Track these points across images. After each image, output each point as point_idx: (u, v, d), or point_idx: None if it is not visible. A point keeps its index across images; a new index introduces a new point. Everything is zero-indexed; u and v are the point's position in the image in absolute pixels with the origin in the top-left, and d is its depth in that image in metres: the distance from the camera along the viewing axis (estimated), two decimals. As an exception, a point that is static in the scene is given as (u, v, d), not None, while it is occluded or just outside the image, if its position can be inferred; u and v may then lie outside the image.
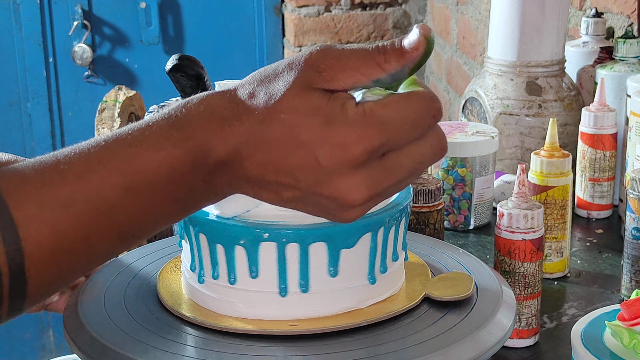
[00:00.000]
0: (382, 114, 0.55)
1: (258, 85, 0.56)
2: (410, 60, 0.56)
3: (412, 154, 0.57)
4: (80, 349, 0.71)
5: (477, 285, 0.77)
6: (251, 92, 0.56)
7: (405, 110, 0.55)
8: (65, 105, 2.67)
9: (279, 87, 0.55)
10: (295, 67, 0.56)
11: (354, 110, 0.55)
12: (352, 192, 0.56)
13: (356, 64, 0.56)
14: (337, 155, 0.54)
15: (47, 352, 2.74)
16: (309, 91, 0.55)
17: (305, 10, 2.59)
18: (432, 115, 0.56)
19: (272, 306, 0.71)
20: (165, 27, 2.65)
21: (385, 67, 0.56)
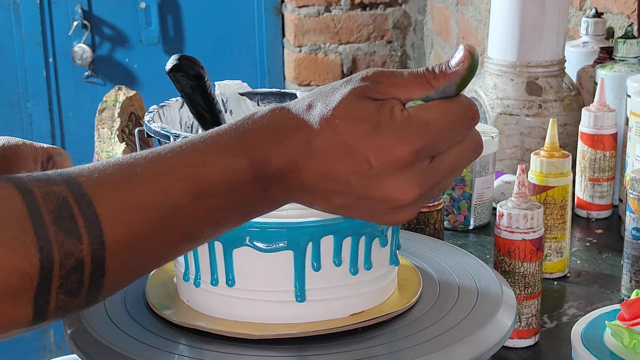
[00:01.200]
0: (425, 117, 0.59)
1: (316, 98, 0.61)
2: (457, 75, 0.60)
3: (454, 155, 0.61)
4: (80, 349, 0.71)
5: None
6: (309, 104, 0.60)
7: (446, 113, 0.60)
8: (65, 105, 2.67)
9: (335, 97, 0.60)
10: (352, 81, 0.61)
11: (400, 115, 0.59)
12: (402, 192, 0.59)
13: (408, 81, 0.60)
14: (386, 157, 0.58)
15: (48, 352, 2.74)
16: (361, 99, 0.59)
17: (305, 10, 2.59)
18: (470, 117, 0.61)
19: (270, 310, 0.71)
20: (165, 27, 2.65)
21: (434, 83, 0.60)
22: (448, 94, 0.61)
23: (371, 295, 0.74)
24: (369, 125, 0.58)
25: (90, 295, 0.56)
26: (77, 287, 0.54)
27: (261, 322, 0.72)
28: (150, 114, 0.91)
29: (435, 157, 0.60)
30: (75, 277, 0.54)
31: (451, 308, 0.75)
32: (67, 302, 0.54)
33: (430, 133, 0.59)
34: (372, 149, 0.58)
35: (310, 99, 0.61)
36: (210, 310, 0.73)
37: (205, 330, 0.71)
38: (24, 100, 2.63)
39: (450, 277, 0.81)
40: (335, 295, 0.72)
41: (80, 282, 0.54)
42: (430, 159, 0.60)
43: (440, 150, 0.60)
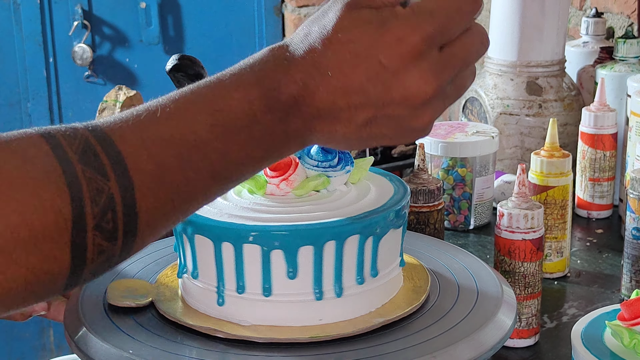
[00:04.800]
0: (429, 5, 0.59)
1: (310, 25, 0.60)
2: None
3: (463, 44, 0.60)
4: (80, 349, 0.71)
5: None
6: (306, 33, 0.60)
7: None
8: (65, 105, 2.67)
9: (330, 17, 0.59)
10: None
11: (402, 9, 0.59)
12: (420, 85, 0.58)
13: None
14: (397, 50, 0.57)
15: (47, 352, 2.74)
16: (357, 9, 0.58)
17: (306, 10, 2.59)
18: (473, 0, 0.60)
19: (272, 312, 0.71)
20: (165, 27, 2.65)
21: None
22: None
23: (378, 295, 0.74)
24: (373, 27, 0.58)
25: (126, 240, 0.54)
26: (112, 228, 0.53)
27: (266, 324, 0.72)
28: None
29: (444, 46, 0.59)
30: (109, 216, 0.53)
31: (451, 308, 0.75)
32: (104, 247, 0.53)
33: (437, 19, 0.58)
34: (381, 48, 0.57)
35: (305, 29, 0.60)
36: (214, 312, 0.73)
37: (208, 334, 0.71)
38: (24, 100, 2.63)
39: (450, 277, 0.81)
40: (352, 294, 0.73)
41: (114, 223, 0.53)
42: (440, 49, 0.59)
43: (450, 38, 0.59)
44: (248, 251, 0.70)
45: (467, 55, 0.60)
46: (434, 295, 0.77)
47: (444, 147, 1.22)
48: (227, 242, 0.70)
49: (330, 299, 0.71)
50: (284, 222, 0.70)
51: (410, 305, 0.74)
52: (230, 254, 0.70)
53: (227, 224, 0.70)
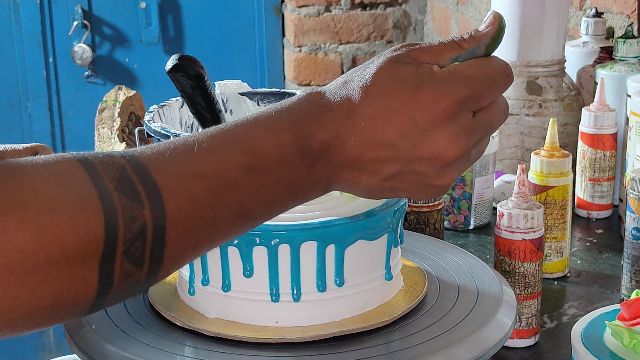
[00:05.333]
0: (466, 71, 0.61)
1: (351, 75, 0.62)
2: (487, 35, 0.63)
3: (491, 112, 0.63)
4: (80, 349, 0.71)
5: None
6: (345, 80, 0.61)
7: (484, 68, 0.62)
8: (65, 105, 2.67)
9: (371, 68, 0.61)
10: (384, 54, 0.62)
11: (440, 71, 0.61)
12: (450, 145, 0.60)
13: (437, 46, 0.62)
14: (431, 110, 0.59)
15: (47, 352, 2.74)
16: (397, 64, 0.60)
17: (305, 10, 2.59)
18: (506, 74, 0.63)
19: (268, 312, 0.71)
20: (165, 27, 2.65)
21: (464, 45, 0.63)
22: (477, 55, 0.63)
23: (375, 296, 0.74)
24: (410, 84, 0.59)
25: (151, 267, 0.55)
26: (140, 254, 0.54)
27: (259, 324, 0.72)
28: (151, 114, 0.91)
29: (477, 111, 0.61)
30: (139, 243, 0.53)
31: (451, 308, 0.75)
32: (130, 272, 0.54)
33: (471, 85, 0.60)
34: (416, 106, 0.59)
35: (346, 77, 0.62)
36: (212, 311, 0.73)
37: (205, 334, 0.71)
38: (24, 100, 2.63)
39: (450, 277, 0.81)
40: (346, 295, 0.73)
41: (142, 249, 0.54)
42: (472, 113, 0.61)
43: (482, 105, 0.61)
44: None
45: (492, 122, 0.63)
46: (433, 296, 0.77)
47: (444, 147, 1.22)
48: None
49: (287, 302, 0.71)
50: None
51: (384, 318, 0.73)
52: None
53: None
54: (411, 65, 0.60)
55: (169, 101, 0.96)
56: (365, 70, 0.61)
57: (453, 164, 0.61)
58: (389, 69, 0.60)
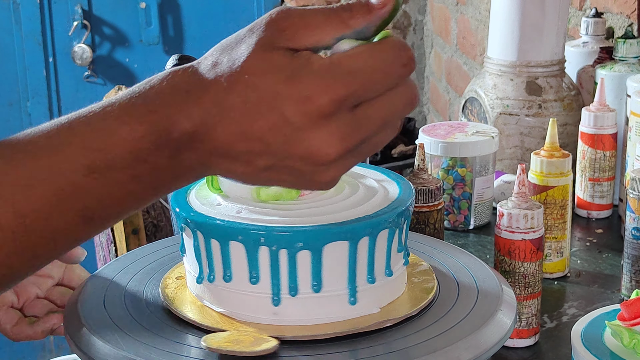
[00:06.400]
0: (349, 64, 0.54)
1: (221, 54, 0.55)
2: (378, 17, 0.54)
3: (383, 105, 0.55)
4: (80, 349, 0.71)
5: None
6: (214, 62, 0.55)
7: (374, 59, 0.54)
8: (65, 105, 2.67)
9: (242, 51, 0.54)
10: (257, 29, 0.55)
11: (319, 62, 0.54)
12: (324, 146, 0.54)
13: (319, 20, 0.54)
14: (303, 108, 0.53)
15: (47, 352, 2.74)
16: (271, 50, 0.54)
17: (305, 10, 2.59)
18: (402, 64, 0.55)
19: (274, 310, 0.71)
20: (165, 27, 2.65)
21: (351, 23, 0.54)
22: (364, 35, 0.55)
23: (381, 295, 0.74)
24: (282, 75, 0.53)
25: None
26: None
27: (260, 322, 0.72)
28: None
29: (360, 106, 0.54)
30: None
31: (451, 308, 0.75)
32: None
33: (354, 82, 0.53)
34: (287, 101, 0.53)
35: (215, 56, 0.55)
36: (220, 309, 0.73)
37: (212, 330, 0.71)
38: (24, 99, 2.64)
39: (450, 276, 0.81)
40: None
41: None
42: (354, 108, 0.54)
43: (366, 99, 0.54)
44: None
45: (386, 116, 0.55)
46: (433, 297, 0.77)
47: (444, 147, 1.22)
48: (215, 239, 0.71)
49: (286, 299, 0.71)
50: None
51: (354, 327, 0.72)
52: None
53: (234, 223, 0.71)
54: (286, 52, 0.53)
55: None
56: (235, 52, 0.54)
57: (332, 162, 0.54)
58: (261, 56, 0.53)
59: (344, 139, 0.54)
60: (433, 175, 1.21)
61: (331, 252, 0.70)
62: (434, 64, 2.61)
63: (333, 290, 0.72)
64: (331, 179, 0.56)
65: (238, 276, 0.71)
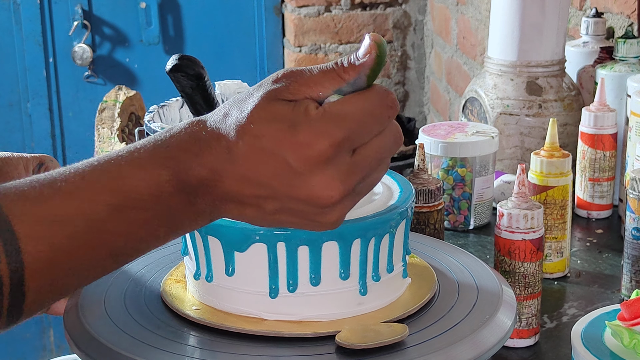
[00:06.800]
0: (341, 110, 0.59)
1: (231, 107, 0.60)
2: (365, 66, 0.59)
3: (376, 146, 0.60)
4: (81, 349, 0.71)
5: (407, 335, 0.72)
6: (225, 113, 0.60)
7: (362, 103, 0.59)
8: (65, 105, 2.67)
9: (249, 103, 0.59)
10: (264, 85, 0.60)
11: (315, 111, 0.58)
12: (326, 189, 0.58)
13: (318, 77, 0.60)
14: (304, 154, 0.57)
15: (48, 352, 2.74)
16: (273, 101, 0.59)
17: (306, 10, 2.59)
18: (388, 105, 0.60)
19: (260, 306, 0.71)
20: (166, 27, 2.65)
21: (345, 76, 0.59)
22: (360, 86, 0.60)
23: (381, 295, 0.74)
24: (285, 125, 0.58)
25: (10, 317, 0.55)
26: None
27: (248, 315, 0.72)
28: (151, 114, 0.91)
29: (356, 150, 0.59)
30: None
31: (451, 308, 0.75)
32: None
33: (347, 125, 0.58)
34: (289, 149, 0.57)
35: (226, 109, 0.60)
36: (219, 307, 0.73)
37: (212, 327, 0.71)
38: (24, 100, 2.64)
39: (450, 277, 0.81)
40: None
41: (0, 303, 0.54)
42: (351, 152, 0.59)
43: (362, 143, 0.59)
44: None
45: (379, 156, 0.60)
46: (433, 296, 0.77)
47: (444, 147, 1.22)
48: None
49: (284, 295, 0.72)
50: None
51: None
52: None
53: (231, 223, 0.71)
54: (288, 103, 0.59)
55: (169, 101, 0.96)
56: (243, 105, 0.59)
57: (335, 204, 0.59)
58: (265, 107, 0.58)
59: (344, 181, 0.59)
60: (433, 175, 1.21)
61: (328, 250, 0.71)
62: (434, 64, 2.61)
63: (331, 287, 0.72)
64: (336, 219, 0.61)
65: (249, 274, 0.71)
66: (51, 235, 0.55)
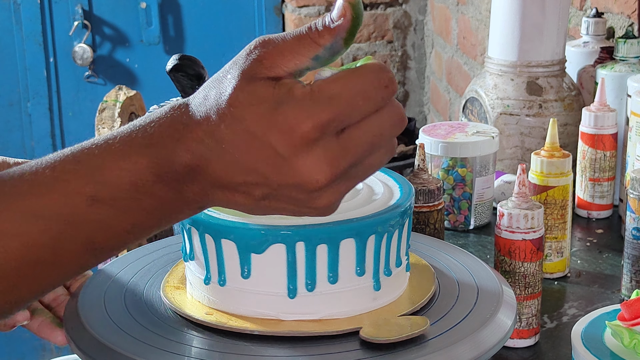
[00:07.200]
0: (330, 89, 0.55)
1: (210, 88, 0.57)
2: (341, 28, 0.55)
3: (368, 128, 0.56)
4: (81, 349, 0.71)
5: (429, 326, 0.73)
6: (205, 95, 0.57)
7: (354, 82, 0.55)
8: (65, 105, 2.67)
9: (227, 84, 0.56)
10: (239, 61, 0.56)
11: (300, 90, 0.55)
12: (313, 173, 0.55)
13: (292, 45, 0.56)
14: (288, 137, 0.54)
15: (47, 352, 2.74)
16: (253, 82, 0.55)
17: (306, 10, 2.59)
18: (383, 85, 0.56)
19: (278, 307, 0.71)
20: (166, 27, 2.65)
21: (320, 41, 0.55)
22: (337, 50, 0.57)
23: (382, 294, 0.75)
24: (266, 107, 0.54)
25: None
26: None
27: (264, 317, 0.72)
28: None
29: (345, 130, 0.56)
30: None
31: (451, 308, 0.75)
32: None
33: (336, 107, 0.54)
34: (272, 132, 0.54)
35: (205, 90, 0.57)
36: (219, 307, 0.73)
37: (212, 327, 0.71)
38: (24, 99, 2.64)
39: (450, 277, 0.81)
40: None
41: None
42: (340, 132, 0.55)
43: (350, 122, 0.55)
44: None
45: (373, 138, 0.56)
46: (433, 296, 0.77)
47: (444, 147, 1.22)
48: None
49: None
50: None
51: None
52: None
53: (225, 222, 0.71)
54: (268, 82, 0.55)
55: (169, 101, 0.96)
56: (221, 86, 0.56)
57: (324, 188, 0.56)
58: (245, 88, 0.55)
59: (331, 164, 0.55)
60: (433, 175, 1.21)
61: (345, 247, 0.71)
62: (434, 63, 2.61)
63: (348, 284, 0.72)
64: (328, 204, 0.57)
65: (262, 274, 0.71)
66: (22, 232, 0.53)
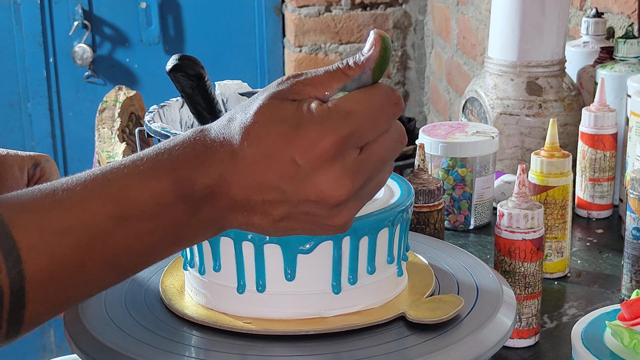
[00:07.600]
0: (346, 106, 0.58)
1: (236, 112, 0.59)
2: (370, 60, 0.59)
3: (382, 145, 0.59)
4: (81, 349, 0.71)
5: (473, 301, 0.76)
6: (229, 118, 0.59)
7: (367, 100, 0.59)
8: (65, 105, 2.67)
9: (253, 106, 0.58)
10: (270, 88, 0.59)
11: (319, 108, 0.58)
12: (334, 188, 0.57)
13: (323, 77, 0.59)
14: (310, 152, 0.57)
15: (48, 352, 2.74)
16: (278, 101, 0.58)
17: (306, 10, 2.59)
18: (393, 103, 0.60)
19: (321, 304, 0.71)
20: (166, 27, 2.65)
21: (349, 72, 0.59)
22: (365, 82, 0.60)
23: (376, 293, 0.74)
24: (289, 124, 0.57)
25: (10, 328, 0.55)
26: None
27: (306, 317, 0.72)
28: (151, 114, 0.91)
29: (364, 147, 0.59)
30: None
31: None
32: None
33: (353, 121, 0.58)
34: (296, 148, 0.57)
35: (231, 114, 0.59)
36: (216, 306, 0.73)
37: (211, 327, 0.71)
38: (24, 100, 2.63)
39: (450, 276, 0.81)
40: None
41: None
42: (359, 150, 0.58)
43: (368, 140, 0.59)
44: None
45: (384, 155, 0.60)
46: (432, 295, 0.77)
47: (444, 147, 1.22)
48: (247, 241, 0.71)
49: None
50: None
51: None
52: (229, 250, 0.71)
53: None
54: (292, 102, 0.58)
55: (169, 101, 0.96)
56: (248, 108, 0.58)
57: (343, 204, 0.58)
58: (270, 107, 0.58)
59: (352, 179, 0.58)
60: (433, 175, 1.21)
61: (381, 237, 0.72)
62: (434, 64, 2.61)
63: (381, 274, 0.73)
64: (345, 222, 0.60)
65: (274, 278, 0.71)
66: (52, 247, 0.54)
